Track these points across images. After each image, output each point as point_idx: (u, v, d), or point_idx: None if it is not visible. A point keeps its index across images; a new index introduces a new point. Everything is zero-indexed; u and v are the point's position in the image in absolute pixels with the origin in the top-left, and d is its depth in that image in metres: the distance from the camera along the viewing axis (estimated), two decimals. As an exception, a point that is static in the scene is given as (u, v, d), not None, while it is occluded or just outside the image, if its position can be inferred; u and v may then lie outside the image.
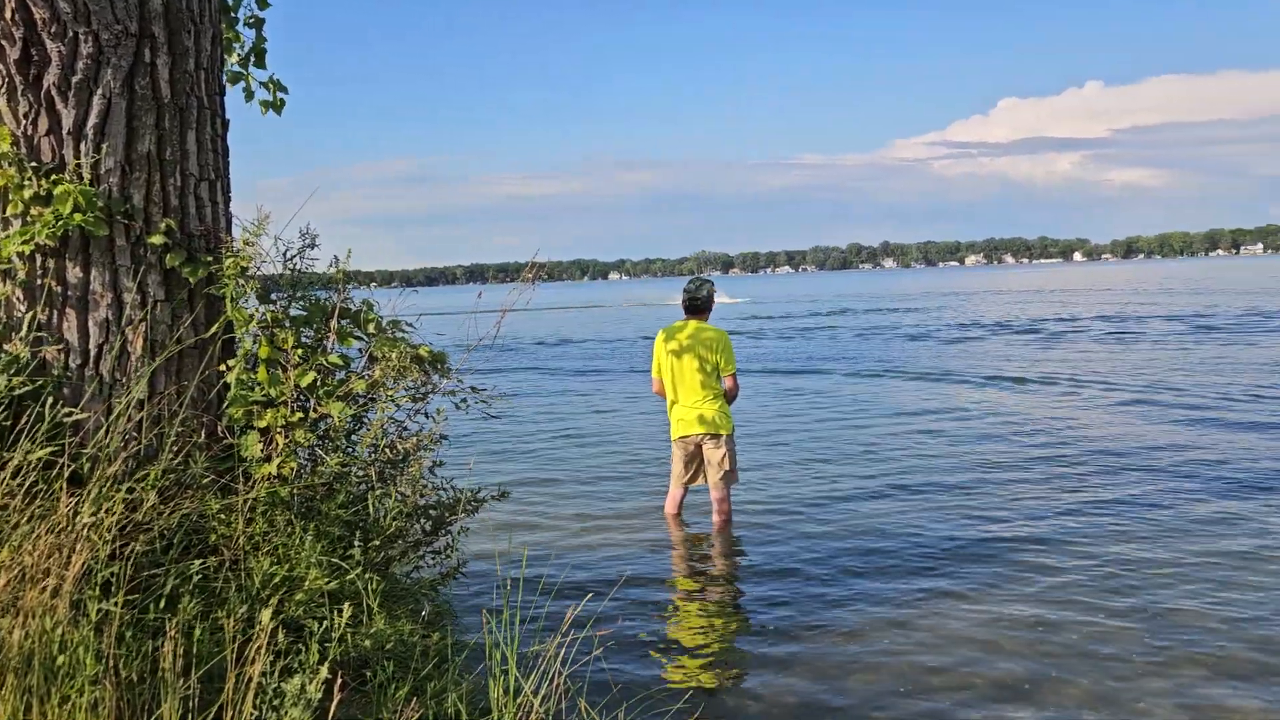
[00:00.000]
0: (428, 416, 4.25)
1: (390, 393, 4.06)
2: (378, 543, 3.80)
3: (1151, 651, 4.73)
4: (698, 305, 6.79)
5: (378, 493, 3.88)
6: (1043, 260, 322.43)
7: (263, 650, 2.39)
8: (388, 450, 4.06)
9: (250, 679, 2.41)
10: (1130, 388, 14.29)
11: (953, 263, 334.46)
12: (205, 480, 3.58)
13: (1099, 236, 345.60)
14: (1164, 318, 30.22)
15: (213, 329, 3.92)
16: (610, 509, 7.76)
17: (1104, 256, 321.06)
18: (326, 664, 2.57)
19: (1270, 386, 13.75)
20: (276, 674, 2.63)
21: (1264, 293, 43.53)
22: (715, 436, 6.65)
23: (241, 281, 3.85)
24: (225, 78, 4.49)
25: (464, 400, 4.38)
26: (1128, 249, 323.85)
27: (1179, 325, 26.80)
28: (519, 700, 2.80)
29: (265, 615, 2.47)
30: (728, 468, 6.71)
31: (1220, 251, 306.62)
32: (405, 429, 4.24)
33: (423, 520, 4.27)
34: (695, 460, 6.85)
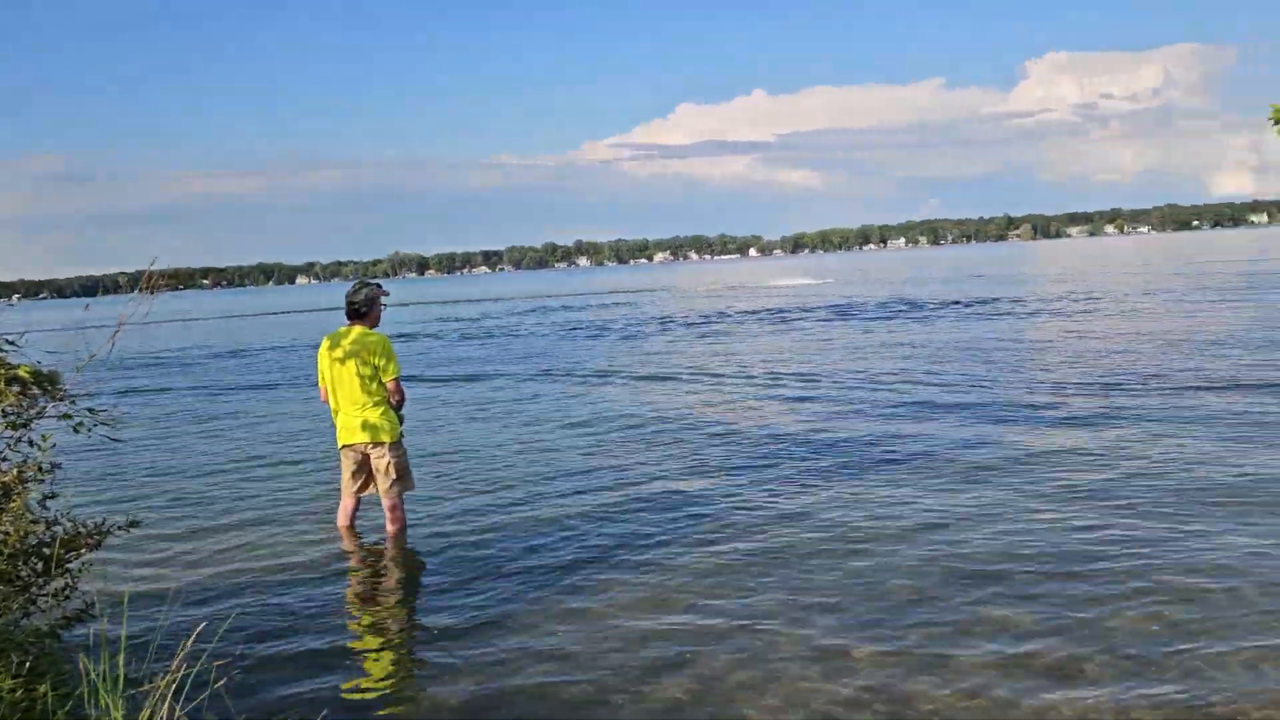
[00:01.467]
0: (32, 444, 3.82)
1: (-21, 420, 3.61)
2: (-32, 591, 3.36)
3: (790, 612, 5.21)
4: (357, 309, 6.60)
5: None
6: (723, 256, 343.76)
7: None
8: (-21, 486, 3.60)
9: None
10: (779, 377, 15.62)
11: (642, 260, 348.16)
12: None
13: (770, 233, 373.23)
14: (816, 309, 33.32)
15: None
16: (279, 524, 7.39)
17: (775, 252, 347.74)
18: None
19: (901, 370, 15.56)
20: None
21: (905, 283, 49.27)
22: (380, 444, 6.50)
23: None
24: None
25: (80, 424, 3.98)
26: (795, 244, 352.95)
27: (828, 315, 29.70)
28: (125, 745, 2.58)
29: None
30: (395, 475, 6.57)
31: (871, 246, 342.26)
32: (4, 459, 3.79)
33: (32, 560, 3.84)
34: (364, 469, 6.66)
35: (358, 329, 6.59)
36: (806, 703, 4.18)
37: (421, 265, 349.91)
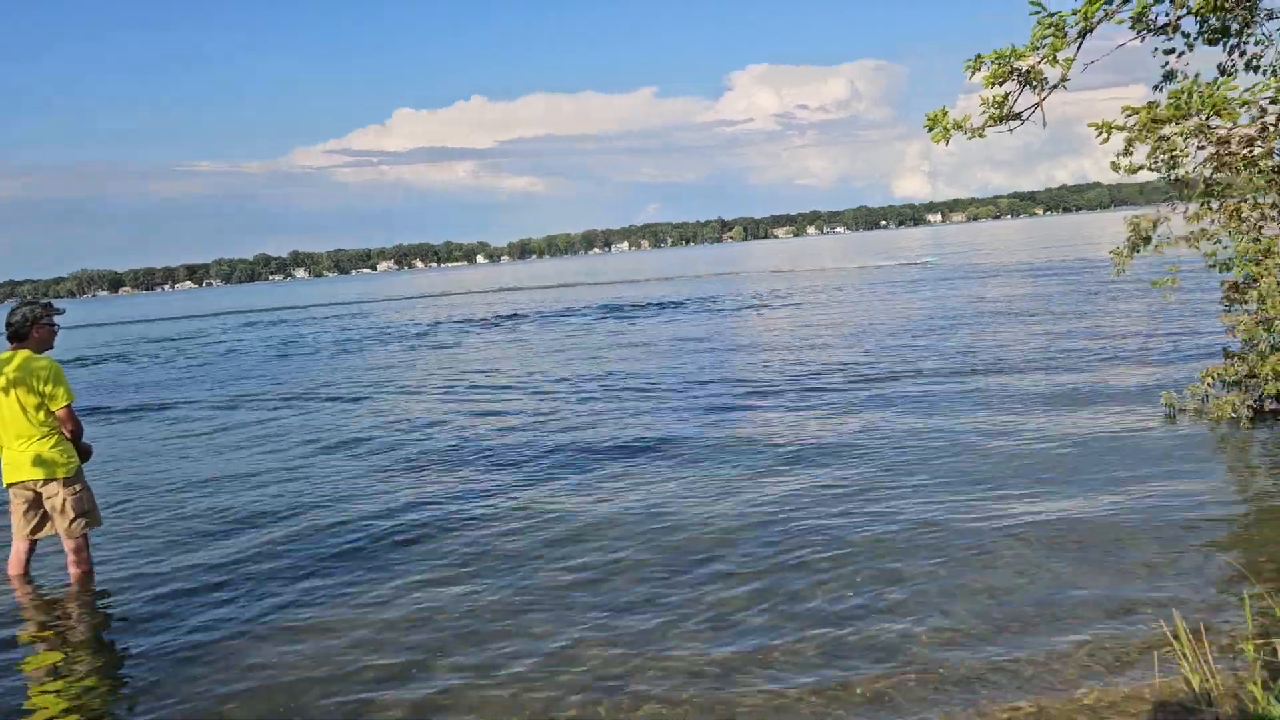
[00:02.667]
0: None
1: None
2: None
3: (510, 616, 5.24)
4: (17, 331, 5.91)
5: None
6: (450, 264, 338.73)
7: None
8: None
9: None
10: (480, 385, 15.68)
11: (366, 269, 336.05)
12: None
13: (497, 239, 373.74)
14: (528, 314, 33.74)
15: None
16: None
17: (503, 258, 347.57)
18: None
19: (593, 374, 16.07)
20: None
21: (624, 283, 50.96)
22: (53, 480, 5.87)
23: None
24: None
25: None
26: (522, 250, 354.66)
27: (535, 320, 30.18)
28: None
29: None
30: (75, 513, 5.94)
31: (596, 250, 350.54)
32: None
33: None
34: (36, 508, 5.97)
35: (21, 354, 5.91)
36: (530, 703, 4.22)
37: (115, 282, 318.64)
